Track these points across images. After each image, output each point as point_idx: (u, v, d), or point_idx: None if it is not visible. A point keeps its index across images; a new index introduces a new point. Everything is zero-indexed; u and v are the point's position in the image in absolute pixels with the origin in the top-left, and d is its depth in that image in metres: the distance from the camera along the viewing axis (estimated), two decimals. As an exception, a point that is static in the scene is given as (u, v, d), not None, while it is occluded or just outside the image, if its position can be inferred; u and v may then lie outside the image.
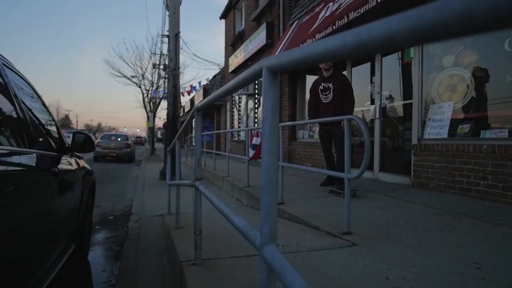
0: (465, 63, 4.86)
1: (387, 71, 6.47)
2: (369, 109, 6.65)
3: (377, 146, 6.39)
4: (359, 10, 5.33)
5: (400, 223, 3.49)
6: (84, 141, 3.06)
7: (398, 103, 6.26)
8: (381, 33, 0.49)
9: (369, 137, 3.04)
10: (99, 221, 5.51)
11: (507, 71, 4.29)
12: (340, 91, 4.91)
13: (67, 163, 2.91)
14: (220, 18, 17.72)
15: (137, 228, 4.63)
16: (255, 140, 5.50)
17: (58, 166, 2.58)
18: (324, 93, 5.04)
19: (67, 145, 3.08)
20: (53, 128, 3.02)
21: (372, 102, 6.57)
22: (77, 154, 3.48)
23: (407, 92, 5.88)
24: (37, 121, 2.58)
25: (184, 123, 2.91)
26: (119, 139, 18.87)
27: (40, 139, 2.51)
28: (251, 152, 5.57)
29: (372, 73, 6.67)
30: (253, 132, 5.71)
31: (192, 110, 2.29)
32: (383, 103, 6.36)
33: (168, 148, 5.12)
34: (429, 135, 5.23)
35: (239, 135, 14.94)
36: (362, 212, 3.90)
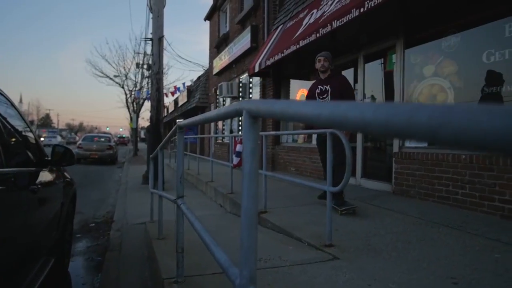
0: (444, 73, 4.96)
1: (369, 78, 6.56)
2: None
3: (360, 153, 6.47)
4: (342, 19, 5.38)
5: (381, 233, 3.54)
6: (63, 154, 3.01)
7: (380, 111, 6.35)
8: (354, 118, 0.50)
9: (350, 151, 3.08)
10: (80, 229, 5.42)
11: (484, 81, 4.40)
12: (339, 93, 4.46)
13: (46, 177, 2.85)
14: (205, 20, 17.64)
15: (119, 237, 4.58)
16: (239, 147, 5.50)
17: (38, 182, 2.54)
18: (321, 97, 4.60)
19: (46, 157, 3.03)
20: (32, 140, 2.96)
21: (355, 109, 6.64)
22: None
23: (389, 100, 5.97)
24: (15, 135, 2.53)
25: (166, 137, 2.90)
26: (101, 141, 18.63)
27: (19, 155, 2.46)
28: (235, 159, 5.57)
29: (355, 80, 6.75)
30: (237, 138, 5.71)
31: (174, 127, 2.28)
32: (366, 110, 6.42)
33: (151, 156, 5.08)
34: (410, 143, 5.33)
35: (223, 138, 14.91)
36: (344, 222, 3.95)
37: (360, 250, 3.08)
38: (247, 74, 10.99)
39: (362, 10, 4.95)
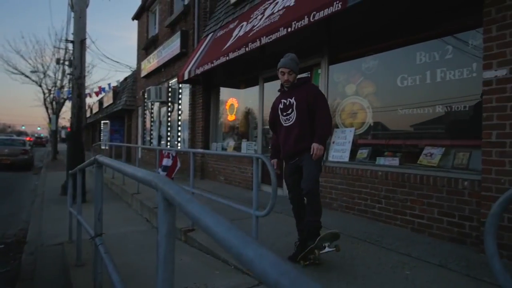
0: (364, 93, 5.28)
1: (296, 92, 6.77)
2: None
3: (287, 165, 6.64)
4: (271, 36, 5.50)
5: (305, 252, 3.67)
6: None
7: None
8: (244, 258, 0.51)
9: (275, 176, 3.14)
10: (-14, 252, 4.91)
11: (399, 104, 4.76)
12: (306, 106, 3.43)
13: None
14: (133, 19, 16.98)
15: (32, 263, 4.21)
16: (166, 162, 5.35)
17: None
18: (285, 113, 3.57)
19: None
20: None
21: (283, 122, 6.82)
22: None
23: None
24: None
25: (84, 164, 2.73)
26: (14, 144, 17.04)
27: None
28: (162, 174, 5.41)
29: (283, 94, 6.93)
30: (163, 152, 5.56)
31: (92, 160, 2.15)
32: (293, 124, 6.63)
33: (70, 172, 4.76)
34: (333, 157, 5.59)
35: (151, 143, 14.45)
36: (270, 239, 4.02)
37: (285, 272, 3.15)
38: (176, 79, 10.78)
39: (289, 29, 5.11)
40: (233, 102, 8.96)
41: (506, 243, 3.35)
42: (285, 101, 3.58)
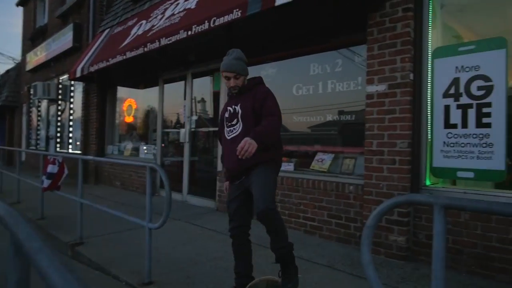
0: (263, 100, 5.42)
1: (198, 96, 6.70)
2: (180, 132, 6.76)
3: (186, 170, 6.54)
4: (171, 38, 5.34)
5: (202, 261, 3.62)
6: None
7: (208, 129, 6.54)
8: None
9: (170, 187, 3.02)
10: None
11: (294, 111, 4.99)
12: (251, 113, 2.71)
13: None
14: (17, 5, 15.19)
15: None
16: (51, 168, 4.85)
17: None
18: (229, 124, 2.82)
19: None
20: None
21: (183, 126, 6.70)
22: None
23: (216, 120, 6.21)
24: None
25: None
26: None
27: None
28: (46, 182, 4.89)
29: (184, 97, 6.80)
30: (49, 157, 5.03)
31: None
32: (192, 128, 6.55)
33: None
34: (232, 162, 5.63)
35: (37, 144, 13.08)
36: (166, 249, 3.90)
37: (180, 284, 3.07)
38: (68, 75, 9.91)
39: (189, 33, 5.02)
40: (131, 103, 8.55)
41: (383, 241, 3.70)
42: (231, 108, 2.83)
